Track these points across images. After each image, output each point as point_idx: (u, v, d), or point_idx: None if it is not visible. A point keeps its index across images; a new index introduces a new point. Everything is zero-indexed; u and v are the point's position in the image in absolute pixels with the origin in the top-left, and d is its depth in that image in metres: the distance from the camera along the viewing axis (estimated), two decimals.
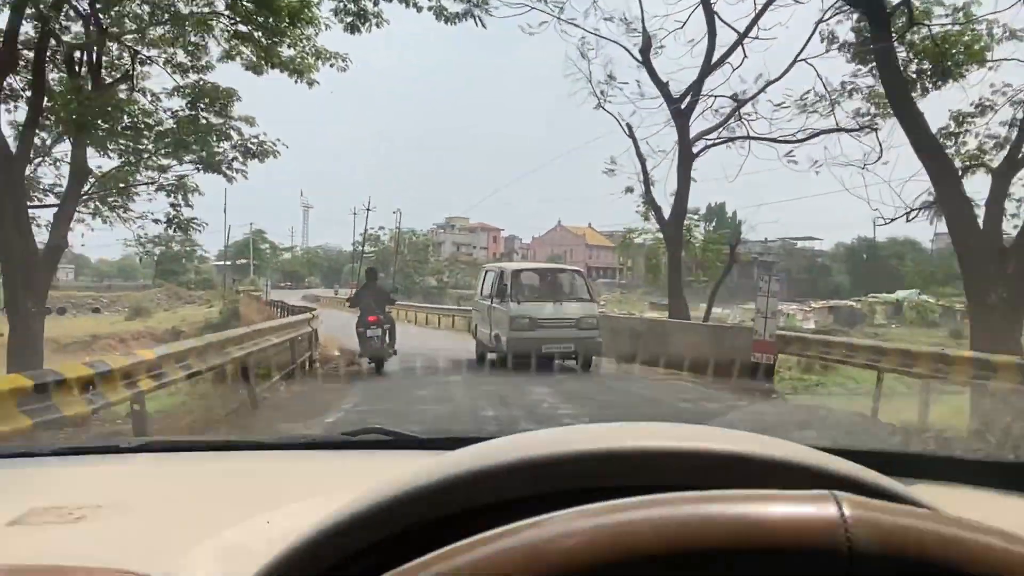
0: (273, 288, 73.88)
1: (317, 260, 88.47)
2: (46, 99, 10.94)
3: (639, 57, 16.18)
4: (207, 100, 12.92)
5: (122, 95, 12.81)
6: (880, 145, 13.73)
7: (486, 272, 16.48)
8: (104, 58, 12.83)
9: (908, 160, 11.75)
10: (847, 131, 13.83)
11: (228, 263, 64.57)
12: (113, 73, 12.63)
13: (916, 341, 18.21)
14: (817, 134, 14.52)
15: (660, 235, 20.95)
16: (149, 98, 13.04)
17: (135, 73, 12.90)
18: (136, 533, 0.97)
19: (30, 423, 4.63)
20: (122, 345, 27.25)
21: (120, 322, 40.34)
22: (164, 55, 13.29)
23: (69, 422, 5.15)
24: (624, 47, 16.60)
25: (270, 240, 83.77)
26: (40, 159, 12.49)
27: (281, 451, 1.65)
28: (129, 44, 12.90)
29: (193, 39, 12.94)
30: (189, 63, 13.37)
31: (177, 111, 13.26)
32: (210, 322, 33.01)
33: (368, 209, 68.21)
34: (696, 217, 28.37)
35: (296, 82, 12.92)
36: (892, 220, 13.16)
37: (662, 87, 15.62)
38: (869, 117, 13.77)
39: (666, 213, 17.41)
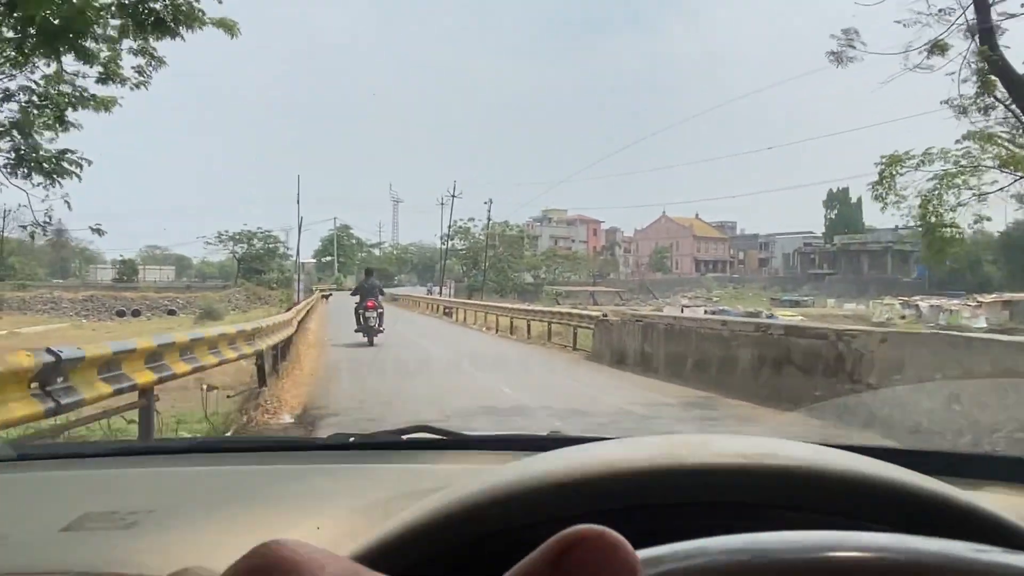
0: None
1: (407, 257, 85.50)
2: None
3: None
4: None
5: None
6: None
7: None
8: None
9: None
10: None
11: (314, 260, 62.06)
12: None
13: None
14: None
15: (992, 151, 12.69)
16: None
17: None
18: (187, 540, 0.98)
19: None
20: None
21: (187, 324, 37.88)
22: None
23: None
24: None
25: (357, 236, 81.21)
26: None
27: (327, 451, 1.62)
28: None
29: None
30: None
31: None
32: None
33: (453, 196, 64.02)
34: None
35: None
36: None
37: None
38: None
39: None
